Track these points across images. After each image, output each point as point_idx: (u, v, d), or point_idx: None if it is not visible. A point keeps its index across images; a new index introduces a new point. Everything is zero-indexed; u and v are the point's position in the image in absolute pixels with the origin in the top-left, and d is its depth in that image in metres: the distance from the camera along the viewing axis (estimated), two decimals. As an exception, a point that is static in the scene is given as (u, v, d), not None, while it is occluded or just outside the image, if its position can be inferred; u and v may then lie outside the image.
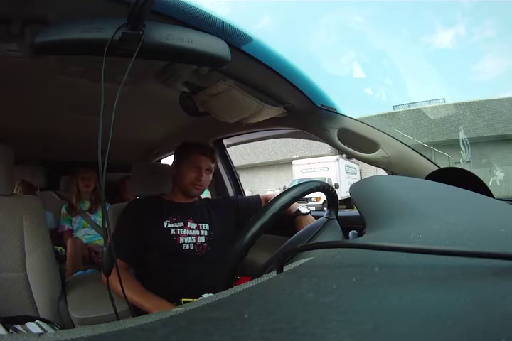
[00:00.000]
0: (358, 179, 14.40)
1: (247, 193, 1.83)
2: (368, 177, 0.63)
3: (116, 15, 0.57)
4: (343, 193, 11.95)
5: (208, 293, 1.01)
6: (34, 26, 0.62)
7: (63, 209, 1.91)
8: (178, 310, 0.25)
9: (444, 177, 0.83)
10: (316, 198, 10.93)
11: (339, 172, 12.35)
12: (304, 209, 1.17)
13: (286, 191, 0.65)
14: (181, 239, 1.10)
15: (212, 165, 1.21)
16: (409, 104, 10.26)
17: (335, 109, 1.11)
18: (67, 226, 1.87)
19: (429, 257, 0.24)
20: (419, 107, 9.81)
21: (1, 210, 0.99)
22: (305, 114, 1.12)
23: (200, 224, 1.16)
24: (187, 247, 1.10)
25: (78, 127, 1.57)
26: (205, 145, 1.24)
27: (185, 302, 0.99)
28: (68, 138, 1.81)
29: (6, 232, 0.98)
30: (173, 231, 1.10)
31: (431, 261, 0.24)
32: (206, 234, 1.14)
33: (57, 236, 1.90)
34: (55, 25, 0.57)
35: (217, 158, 1.21)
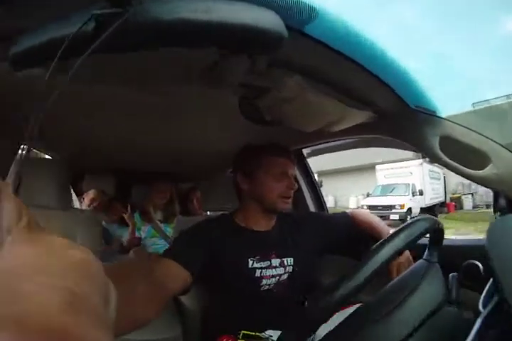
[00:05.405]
0: (442, 184, 13.33)
1: (330, 199, 1.67)
2: None
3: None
4: (427, 200, 11.38)
5: (274, 330, 0.88)
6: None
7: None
8: None
9: None
10: (400, 205, 10.62)
11: (423, 177, 11.68)
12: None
13: (390, 237, 0.51)
14: (264, 281, 0.91)
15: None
16: (508, 96, 8.59)
17: (434, 112, 0.87)
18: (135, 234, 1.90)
19: None
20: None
21: (55, 225, 0.97)
22: (397, 118, 0.90)
23: (285, 259, 0.94)
24: (266, 288, 0.92)
25: (150, 137, 1.57)
26: (280, 146, 0.99)
27: (244, 334, 0.86)
28: (139, 147, 1.84)
29: None
30: (258, 272, 0.91)
31: None
32: (290, 270, 0.94)
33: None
34: (29, 32, 0.43)
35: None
